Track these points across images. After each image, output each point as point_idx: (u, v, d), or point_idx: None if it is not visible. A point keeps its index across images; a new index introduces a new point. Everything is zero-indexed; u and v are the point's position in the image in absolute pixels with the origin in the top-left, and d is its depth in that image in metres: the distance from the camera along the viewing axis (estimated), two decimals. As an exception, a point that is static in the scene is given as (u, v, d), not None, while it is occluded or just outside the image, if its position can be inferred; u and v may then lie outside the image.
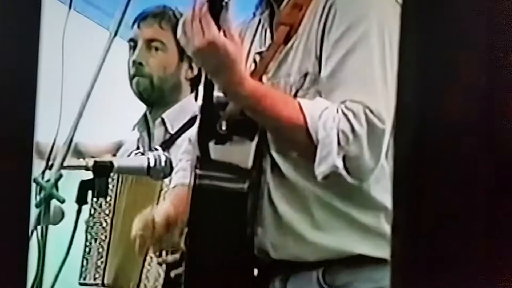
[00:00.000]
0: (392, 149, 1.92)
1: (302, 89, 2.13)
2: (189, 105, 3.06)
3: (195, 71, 3.05)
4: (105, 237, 2.87)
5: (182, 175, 2.35)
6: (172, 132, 3.02)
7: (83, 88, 2.17)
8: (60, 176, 2.07)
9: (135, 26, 3.02)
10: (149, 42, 3.04)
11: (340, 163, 2.01)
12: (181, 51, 3.02)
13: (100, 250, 2.88)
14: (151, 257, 2.69)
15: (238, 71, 2.06)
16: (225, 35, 2.05)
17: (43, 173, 2.08)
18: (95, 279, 2.89)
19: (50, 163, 2.10)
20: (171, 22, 3.03)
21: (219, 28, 2.04)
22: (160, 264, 2.58)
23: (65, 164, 2.09)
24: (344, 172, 2.03)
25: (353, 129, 2.01)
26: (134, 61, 3.00)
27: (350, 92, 2.04)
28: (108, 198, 2.79)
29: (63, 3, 3.96)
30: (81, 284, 2.92)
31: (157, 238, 2.29)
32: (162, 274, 2.63)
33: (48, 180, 2.05)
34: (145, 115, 3.09)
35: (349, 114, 2.02)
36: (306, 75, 2.12)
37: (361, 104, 2.02)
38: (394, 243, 1.19)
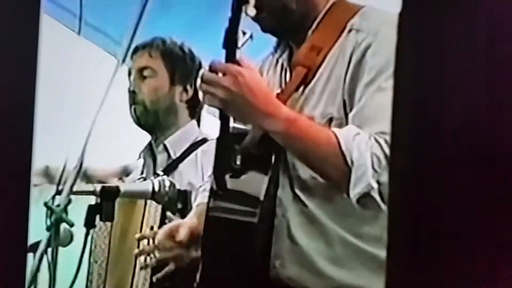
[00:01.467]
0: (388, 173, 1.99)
1: None
2: (191, 130, 3.17)
3: (190, 93, 3.15)
4: (104, 258, 2.96)
5: (205, 195, 2.38)
6: (174, 157, 3.11)
7: (91, 114, 2.23)
8: (69, 201, 2.12)
9: (129, 58, 3.13)
10: (141, 70, 3.17)
11: (375, 184, 2.03)
12: (172, 75, 3.15)
13: (100, 271, 2.96)
14: (139, 268, 2.78)
15: (266, 102, 2.10)
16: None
17: (53, 198, 2.13)
18: None
19: (60, 187, 2.15)
20: (159, 49, 3.17)
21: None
22: (142, 268, 2.71)
23: (74, 189, 2.14)
24: (378, 197, 2.05)
25: (386, 155, 2.02)
26: (128, 90, 3.13)
27: (379, 125, 2.06)
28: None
29: (72, 30, 4.05)
30: None
31: (177, 248, 2.34)
32: (148, 279, 2.75)
33: (58, 205, 2.11)
34: (150, 143, 3.19)
35: (381, 141, 2.04)
36: (331, 119, 2.16)
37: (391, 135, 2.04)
38: (390, 270, 1.24)
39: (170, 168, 3.08)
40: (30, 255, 2.67)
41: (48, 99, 4.04)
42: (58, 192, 2.14)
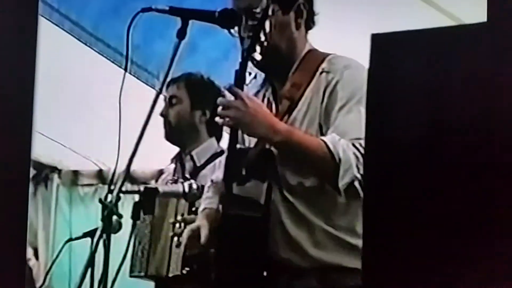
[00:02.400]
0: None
1: None
2: (211, 145, 3.22)
3: (208, 115, 3.19)
4: (147, 241, 2.99)
5: (209, 202, 2.44)
6: (199, 165, 3.15)
7: (136, 130, 2.26)
8: (119, 198, 2.13)
9: (165, 89, 3.18)
10: (171, 98, 3.20)
11: (358, 176, 2.11)
12: (193, 102, 3.19)
13: (144, 251, 2.99)
14: (174, 247, 2.82)
15: (269, 119, 2.17)
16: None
17: (106, 195, 2.15)
18: (140, 271, 3.00)
19: (111, 188, 2.16)
20: (185, 82, 3.20)
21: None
22: (177, 246, 2.73)
23: (123, 189, 2.16)
24: (359, 187, 2.12)
25: (362, 154, 2.10)
26: (161, 114, 3.17)
27: (353, 134, 2.14)
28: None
29: (119, 67, 4.08)
30: (131, 276, 3.03)
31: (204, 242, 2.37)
32: (181, 255, 2.79)
33: (110, 201, 2.13)
34: (179, 152, 3.24)
35: (357, 144, 2.12)
36: None
37: (363, 139, 2.08)
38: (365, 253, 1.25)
39: (195, 173, 3.12)
40: (88, 240, 2.70)
41: (104, 121, 4.09)
42: (110, 191, 2.15)
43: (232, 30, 2.26)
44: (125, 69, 2.33)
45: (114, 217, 2.14)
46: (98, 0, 4.10)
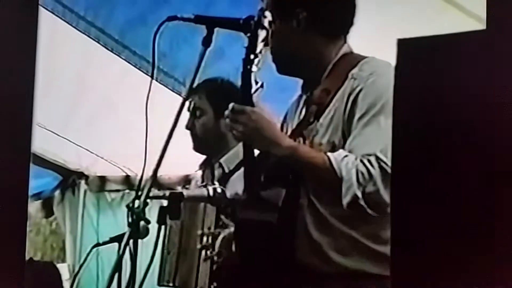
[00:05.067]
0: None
1: None
2: (239, 151, 3.19)
3: None
4: (175, 250, 2.97)
5: None
6: (227, 171, 3.15)
7: (163, 137, 2.27)
8: (146, 204, 2.15)
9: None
10: (194, 110, 3.18)
11: (359, 194, 2.10)
12: (216, 110, 3.16)
13: (172, 261, 2.97)
14: (202, 259, 2.80)
15: (273, 133, 2.19)
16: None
17: (133, 201, 2.16)
18: (168, 282, 2.99)
19: (139, 193, 2.18)
20: (204, 91, 3.15)
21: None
22: (205, 260, 2.69)
23: (150, 194, 2.17)
24: (364, 204, 2.11)
25: (368, 171, 2.10)
26: (186, 127, 3.16)
27: (364, 149, 2.14)
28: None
29: (146, 74, 4.11)
30: (159, 285, 3.00)
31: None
32: (208, 269, 2.73)
33: (137, 207, 2.14)
34: (208, 158, 3.24)
35: (365, 161, 2.11)
36: (334, 146, 2.22)
37: (374, 155, 2.12)
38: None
39: (224, 180, 3.11)
40: (115, 245, 2.70)
41: (131, 128, 4.11)
42: (137, 197, 2.17)
43: None
44: (152, 77, 2.35)
45: (142, 223, 2.15)
46: (125, 8, 4.13)
